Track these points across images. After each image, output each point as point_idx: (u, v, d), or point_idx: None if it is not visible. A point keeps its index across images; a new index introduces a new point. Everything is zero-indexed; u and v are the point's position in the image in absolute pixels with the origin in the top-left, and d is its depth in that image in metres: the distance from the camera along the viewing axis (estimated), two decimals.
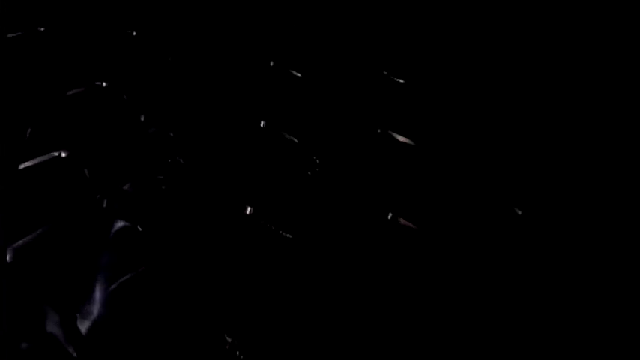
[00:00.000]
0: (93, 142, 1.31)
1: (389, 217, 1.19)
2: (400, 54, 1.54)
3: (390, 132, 1.36)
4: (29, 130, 1.29)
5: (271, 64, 1.56)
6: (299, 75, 1.52)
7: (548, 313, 1.04)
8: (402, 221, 1.18)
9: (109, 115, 1.40)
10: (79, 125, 1.35)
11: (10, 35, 1.50)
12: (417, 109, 1.43)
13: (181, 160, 1.28)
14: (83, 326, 1.00)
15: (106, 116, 1.40)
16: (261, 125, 1.39)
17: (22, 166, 1.18)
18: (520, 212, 1.18)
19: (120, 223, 1.13)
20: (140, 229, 1.14)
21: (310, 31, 1.61)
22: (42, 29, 1.59)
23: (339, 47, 1.58)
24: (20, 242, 1.05)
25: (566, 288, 1.07)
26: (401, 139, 1.35)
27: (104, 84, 1.46)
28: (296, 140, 1.34)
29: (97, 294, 1.04)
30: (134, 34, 1.64)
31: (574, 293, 1.06)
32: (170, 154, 1.30)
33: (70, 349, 0.97)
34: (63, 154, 1.25)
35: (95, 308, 1.03)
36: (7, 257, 1.02)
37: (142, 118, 1.38)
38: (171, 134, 1.35)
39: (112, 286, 1.04)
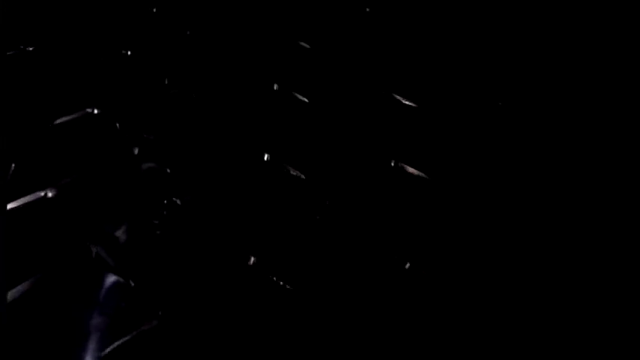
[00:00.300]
0: (82, 177, 1.20)
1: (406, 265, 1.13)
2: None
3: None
4: (13, 166, 1.19)
5: (275, 87, 1.48)
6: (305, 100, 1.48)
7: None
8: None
9: (100, 147, 1.30)
10: (68, 157, 1.26)
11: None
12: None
13: (178, 202, 1.18)
14: None
15: (96, 148, 1.29)
16: (265, 159, 1.30)
17: (9, 206, 1.11)
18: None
19: (111, 278, 1.02)
20: (133, 284, 1.05)
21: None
22: (30, 49, 1.49)
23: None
24: (13, 292, 1.00)
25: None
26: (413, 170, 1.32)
27: (95, 111, 1.36)
28: (303, 176, 1.28)
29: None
30: (129, 53, 1.54)
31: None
32: (166, 193, 1.20)
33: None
34: (50, 194, 1.15)
35: None
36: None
37: (136, 152, 1.28)
38: (168, 170, 1.24)
39: (105, 352, 0.95)
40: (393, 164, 1.29)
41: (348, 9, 1.67)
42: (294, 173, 1.26)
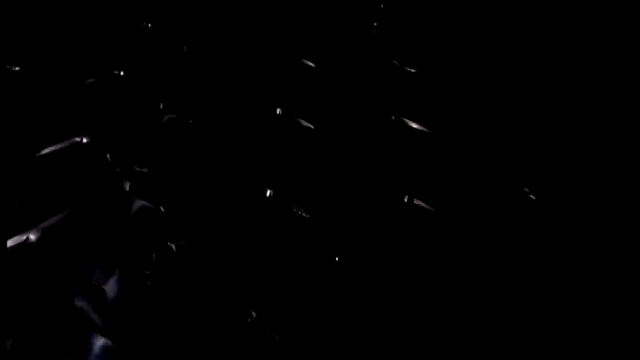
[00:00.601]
0: (68, 217, 1.12)
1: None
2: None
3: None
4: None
5: (278, 112, 1.40)
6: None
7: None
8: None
9: (88, 182, 1.20)
10: (53, 193, 1.17)
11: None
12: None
13: (173, 247, 1.09)
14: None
15: (84, 183, 1.20)
16: (267, 195, 1.21)
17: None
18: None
19: (99, 341, 0.93)
20: (162, 209, 1.13)
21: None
22: (16, 69, 1.40)
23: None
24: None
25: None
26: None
27: (84, 140, 1.26)
28: (312, 126, 1.34)
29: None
30: (121, 74, 1.45)
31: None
32: (160, 236, 1.11)
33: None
34: (32, 237, 1.06)
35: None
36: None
37: (127, 187, 1.18)
38: (162, 209, 1.15)
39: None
40: (406, 200, 1.22)
41: (354, 23, 1.61)
42: (299, 212, 1.17)
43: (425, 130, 1.37)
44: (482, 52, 1.55)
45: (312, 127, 1.37)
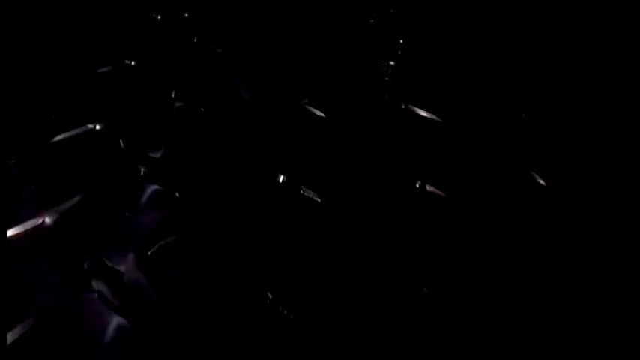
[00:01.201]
0: (83, 201, 1.12)
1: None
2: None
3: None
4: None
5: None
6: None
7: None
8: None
9: (102, 167, 1.21)
10: (68, 178, 1.17)
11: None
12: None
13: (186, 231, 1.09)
14: None
15: (99, 168, 1.21)
16: (280, 180, 1.22)
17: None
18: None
19: (116, 320, 0.93)
20: (177, 194, 1.14)
21: None
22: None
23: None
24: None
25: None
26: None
27: (97, 127, 1.27)
28: (323, 115, 1.35)
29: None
30: (133, 63, 1.47)
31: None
32: (174, 220, 1.12)
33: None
34: (48, 220, 1.07)
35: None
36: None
37: (142, 172, 1.19)
38: (177, 194, 1.16)
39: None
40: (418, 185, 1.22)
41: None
42: (311, 195, 1.17)
43: (435, 118, 1.38)
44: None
45: (324, 115, 1.38)
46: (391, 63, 1.55)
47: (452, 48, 1.60)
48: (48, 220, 1.06)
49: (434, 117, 1.37)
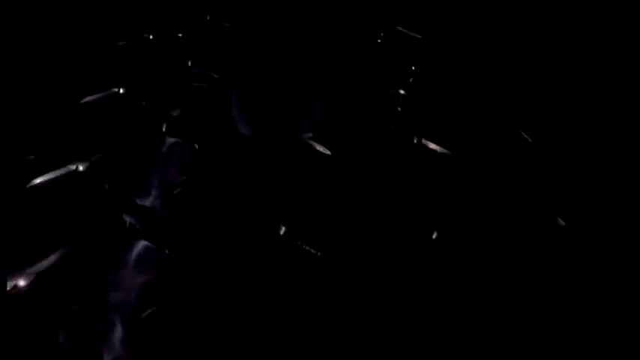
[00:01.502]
0: (111, 152, 1.20)
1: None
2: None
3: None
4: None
5: None
6: None
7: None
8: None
9: (127, 124, 1.29)
10: (97, 134, 1.24)
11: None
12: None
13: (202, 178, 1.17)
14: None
15: (124, 125, 1.28)
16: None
17: (37, 181, 1.10)
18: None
19: (141, 243, 1.02)
20: (167, 251, 1.03)
21: None
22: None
23: None
24: (38, 266, 0.97)
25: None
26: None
27: (121, 90, 1.36)
28: (329, 152, 1.25)
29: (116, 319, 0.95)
30: (151, 37, 1.54)
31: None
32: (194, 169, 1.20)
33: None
34: (81, 168, 1.15)
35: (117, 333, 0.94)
36: (23, 283, 0.95)
37: (164, 128, 1.28)
38: (196, 146, 1.25)
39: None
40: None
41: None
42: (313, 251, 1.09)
43: (449, 153, 1.31)
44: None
45: (329, 152, 1.28)
46: (402, 92, 1.44)
47: (473, 74, 1.49)
48: (81, 167, 1.14)
49: (449, 152, 1.28)
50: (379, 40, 1.56)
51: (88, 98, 1.30)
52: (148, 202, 1.12)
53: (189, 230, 1.07)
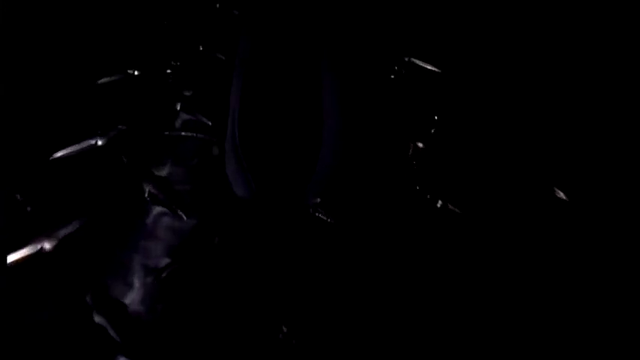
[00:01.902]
0: (129, 128, 1.24)
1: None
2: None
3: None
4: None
5: None
6: None
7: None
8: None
9: (143, 103, 1.33)
10: (114, 113, 1.27)
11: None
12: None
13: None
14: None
15: (140, 103, 1.32)
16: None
17: (59, 154, 1.15)
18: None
19: (160, 209, 1.08)
20: (183, 215, 1.07)
21: None
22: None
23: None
24: (61, 232, 1.03)
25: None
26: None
27: (136, 72, 1.42)
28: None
29: (136, 281, 1.01)
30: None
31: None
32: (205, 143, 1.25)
33: (115, 336, 0.94)
34: (100, 142, 1.22)
35: (135, 295, 1.00)
36: (49, 246, 1.00)
37: (178, 107, 1.34)
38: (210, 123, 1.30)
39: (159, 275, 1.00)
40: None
41: None
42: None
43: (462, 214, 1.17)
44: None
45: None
46: (420, 145, 1.20)
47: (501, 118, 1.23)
48: (99, 141, 1.19)
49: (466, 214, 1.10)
50: (392, 76, 1.29)
51: (103, 80, 1.34)
52: (164, 173, 1.15)
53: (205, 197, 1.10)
